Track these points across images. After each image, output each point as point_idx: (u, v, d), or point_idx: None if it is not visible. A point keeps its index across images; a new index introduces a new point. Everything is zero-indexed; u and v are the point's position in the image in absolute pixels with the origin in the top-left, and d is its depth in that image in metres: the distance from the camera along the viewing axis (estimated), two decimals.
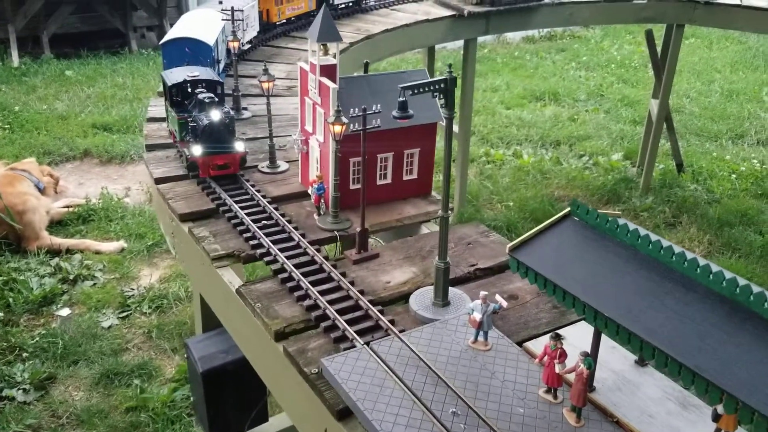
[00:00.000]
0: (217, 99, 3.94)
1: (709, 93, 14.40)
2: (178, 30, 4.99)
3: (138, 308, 7.40)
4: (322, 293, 3.01)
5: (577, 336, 2.70)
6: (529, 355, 2.67)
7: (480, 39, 9.06)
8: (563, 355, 2.38)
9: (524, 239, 2.53)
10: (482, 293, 2.65)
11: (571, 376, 2.34)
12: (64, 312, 7.34)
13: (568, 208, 2.56)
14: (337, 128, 3.26)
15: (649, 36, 9.70)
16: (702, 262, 2.13)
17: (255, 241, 3.44)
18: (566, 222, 2.54)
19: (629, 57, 16.90)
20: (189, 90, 4.06)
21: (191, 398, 4.10)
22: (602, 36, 18.79)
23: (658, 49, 9.69)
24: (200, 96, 3.88)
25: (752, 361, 1.87)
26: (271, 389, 3.32)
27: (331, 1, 7.39)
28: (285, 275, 3.16)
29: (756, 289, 1.98)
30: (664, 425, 2.31)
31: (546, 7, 8.17)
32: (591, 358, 2.32)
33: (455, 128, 8.18)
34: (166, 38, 4.76)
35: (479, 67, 14.11)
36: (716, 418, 2.22)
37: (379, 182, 3.76)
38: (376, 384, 2.46)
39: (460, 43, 8.58)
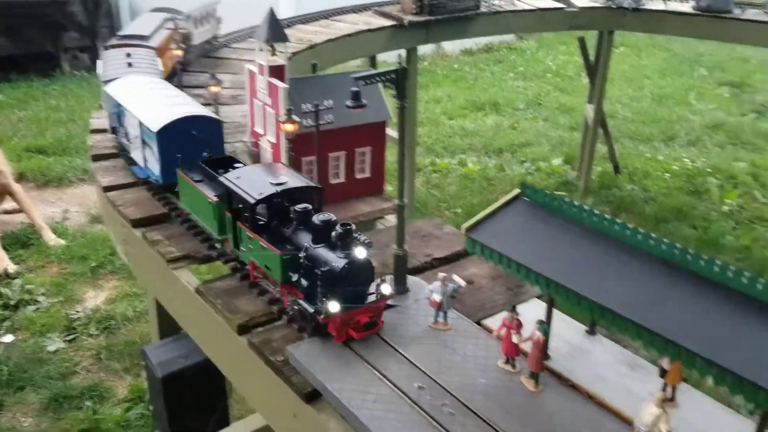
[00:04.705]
0: (345, 229, 2.58)
1: (641, 98, 15.02)
2: (150, 110, 3.87)
3: (85, 330, 7.24)
4: None
5: (531, 312, 2.81)
6: (487, 331, 2.77)
7: (420, 52, 9.26)
8: (520, 325, 2.49)
9: (478, 220, 2.65)
10: (441, 275, 2.74)
11: (528, 348, 2.45)
12: (7, 338, 7.12)
13: (518, 190, 2.69)
14: (289, 127, 3.33)
15: (582, 43, 10.10)
16: (641, 230, 2.28)
17: (211, 242, 3.46)
18: (517, 202, 2.67)
19: (564, 66, 17.48)
20: (281, 205, 2.86)
21: (151, 407, 4.05)
22: (537, 47, 19.39)
23: (591, 57, 10.09)
24: (318, 220, 2.63)
25: (691, 313, 2.02)
26: (237, 384, 3.34)
27: None
28: (244, 272, 3.20)
29: (691, 251, 2.13)
30: (615, 386, 2.45)
31: (483, 16, 8.43)
32: (545, 325, 2.44)
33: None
34: (155, 124, 3.68)
35: (421, 80, 14.37)
36: (662, 373, 2.38)
37: (332, 181, 3.83)
38: (343, 366, 2.52)
39: (402, 53, 8.76)
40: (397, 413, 2.30)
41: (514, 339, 2.48)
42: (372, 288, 2.61)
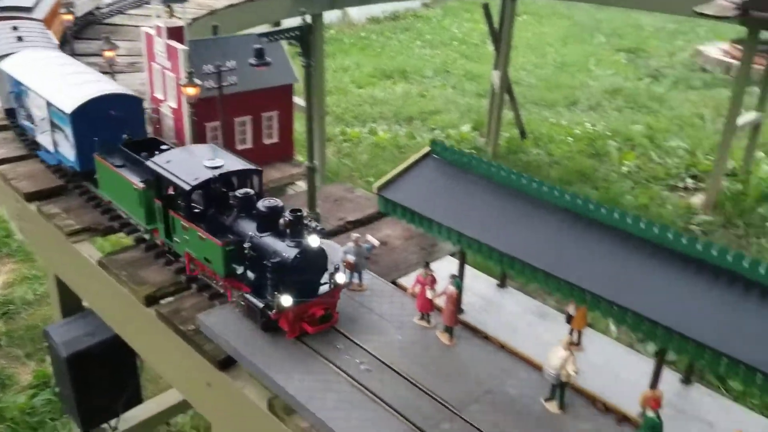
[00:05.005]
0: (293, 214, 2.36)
1: (544, 65, 15.42)
2: (59, 89, 3.49)
3: None
4: None
5: (444, 269, 2.85)
6: (402, 290, 2.79)
7: (326, 20, 9.12)
8: (434, 281, 2.52)
9: (390, 179, 2.64)
10: (354, 235, 2.73)
11: (442, 303, 2.48)
12: None
13: (428, 147, 2.70)
14: (191, 90, 3.20)
15: (486, 10, 10.23)
16: (546, 183, 2.33)
17: (112, 213, 3.31)
18: (427, 160, 2.68)
19: (469, 34, 17.70)
20: (219, 191, 2.57)
21: (57, 389, 3.88)
22: (443, 15, 19.54)
23: (496, 24, 10.23)
24: (263, 206, 2.38)
25: (594, 259, 2.09)
26: (147, 358, 3.23)
27: None
28: (149, 243, 3.08)
29: (592, 200, 2.21)
30: (526, 334, 2.52)
31: None
32: (458, 279, 2.48)
33: None
34: (67, 105, 3.33)
35: (328, 48, 14.19)
36: (569, 319, 2.47)
37: (239, 147, 3.73)
38: (256, 332, 2.47)
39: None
40: (315, 372, 2.29)
41: (429, 295, 2.50)
42: (325, 278, 2.41)
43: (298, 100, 4.05)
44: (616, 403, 2.22)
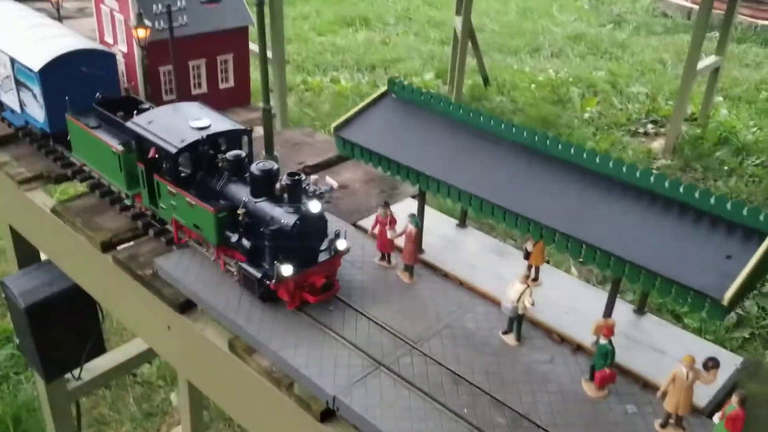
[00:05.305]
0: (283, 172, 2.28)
1: (507, 11, 15.28)
2: (24, 44, 3.25)
3: None
4: None
5: (405, 212, 2.86)
6: (363, 231, 2.79)
7: None
8: (393, 221, 2.52)
9: (347, 118, 2.61)
10: (312, 177, 2.71)
11: (402, 243, 2.49)
12: None
13: (386, 86, 2.67)
14: (141, 33, 3.11)
15: None
16: (503, 120, 2.33)
17: (65, 161, 3.23)
18: (385, 99, 2.65)
19: None
20: (207, 154, 2.41)
21: (17, 341, 3.83)
22: None
23: None
24: (257, 169, 2.26)
25: (549, 194, 2.11)
26: (106, 305, 3.20)
27: None
28: (104, 189, 3.02)
29: (551, 136, 2.22)
30: (485, 271, 2.55)
31: None
32: (417, 218, 2.49)
33: (268, 54, 8.04)
34: (35, 62, 3.12)
35: None
36: (527, 256, 2.51)
37: (194, 91, 3.65)
38: (214, 275, 2.46)
39: None
40: (276, 313, 2.29)
41: (389, 235, 2.51)
42: (324, 244, 2.30)
43: (255, 47, 3.96)
44: (572, 334, 2.28)
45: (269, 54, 8.02)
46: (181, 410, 5.12)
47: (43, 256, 3.82)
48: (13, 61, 3.24)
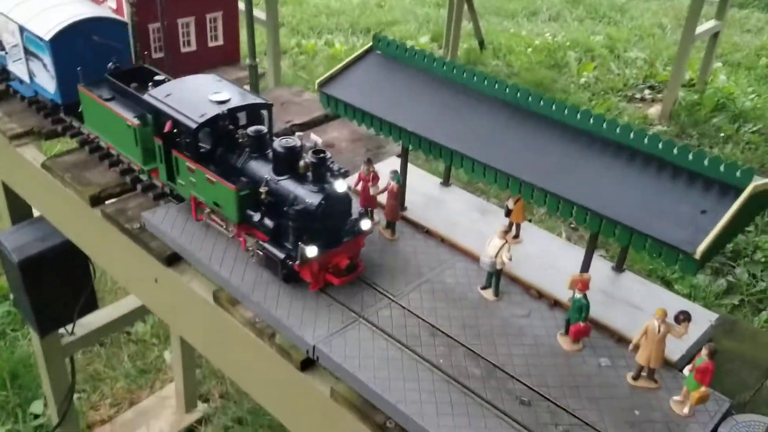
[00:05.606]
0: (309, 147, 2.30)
1: None
2: (33, 12, 3.14)
3: None
4: None
5: (388, 169, 2.88)
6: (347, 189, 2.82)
7: None
8: (376, 178, 2.55)
9: (332, 74, 2.63)
10: (297, 133, 2.72)
11: (384, 199, 2.53)
12: None
13: (371, 43, 2.67)
14: None
15: None
16: (488, 77, 2.34)
17: (55, 116, 3.25)
18: (370, 56, 2.66)
19: None
20: (227, 129, 2.40)
21: (12, 297, 3.89)
22: None
23: None
24: (281, 146, 2.24)
25: (530, 150, 2.13)
26: (97, 260, 3.25)
27: None
28: (93, 145, 3.04)
29: (534, 92, 2.23)
30: (467, 229, 2.59)
31: None
32: (399, 174, 2.51)
33: (262, 16, 7.96)
34: (45, 31, 3.02)
35: None
36: (508, 213, 2.54)
37: (183, 49, 3.64)
38: (199, 229, 2.50)
39: None
40: (257, 267, 2.34)
41: (371, 191, 2.54)
42: (348, 223, 2.27)
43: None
44: (550, 290, 2.32)
45: (263, 16, 7.96)
46: (174, 367, 5.23)
47: (35, 213, 3.86)
48: (21, 29, 3.15)
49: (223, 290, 2.32)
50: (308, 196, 2.16)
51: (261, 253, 2.26)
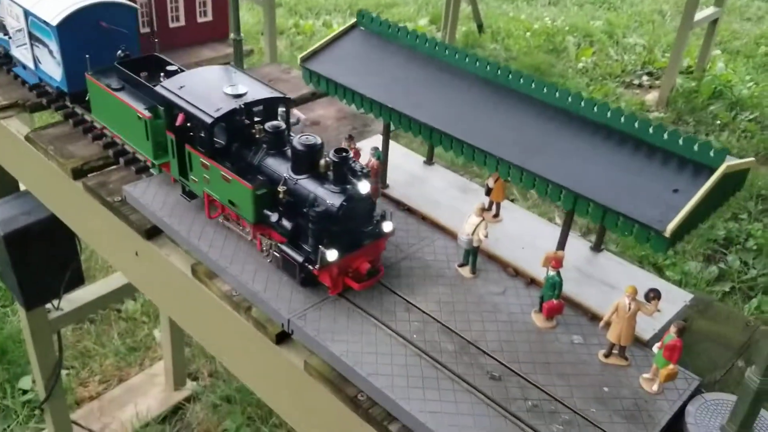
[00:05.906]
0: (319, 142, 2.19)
1: None
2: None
3: None
4: None
5: (372, 146, 2.89)
6: None
7: None
8: (357, 154, 2.55)
9: (315, 50, 2.62)
10: (280, 110, 2.72)
11: None
12: None
13: (355, 19, 2.66)
14: None
15: None
16: (470, 54, 2.34)
17: (40, 89, 3.24)
18: (353, 32, 2.65)
19: None
20: (243, 124, 2.31)
21: None
22: None
23: None
24: (300, 144, 2.14)
25: (508, 128, 2.13)
26: (80, 233, 3.26)
27: None
28: (77, 118, 3.03)
29: (513, 70, 2.22)
30: (448, 207, 2.59)
31: None
32: (381, 151, 2.51)
33: None
34: (52, 16, 2.91)
35: None
36: (488, 192, 2.54)
37: (172, 24, 3.63)
38: (180, 204, 2.50)
39: None
40: (235, 241, 2.34)
41: None
42: (369, 225, 2.16)
43: None
44: (527, 268, 2.33)
45: None
46: (163, 345, 5.26)
47: (22, 186, 3.86)
48: (27, 13, 3.04)
49: (201, 264, 2.33)
50: (329, 197, 2.04)
51: (278, 255, 2.17)
